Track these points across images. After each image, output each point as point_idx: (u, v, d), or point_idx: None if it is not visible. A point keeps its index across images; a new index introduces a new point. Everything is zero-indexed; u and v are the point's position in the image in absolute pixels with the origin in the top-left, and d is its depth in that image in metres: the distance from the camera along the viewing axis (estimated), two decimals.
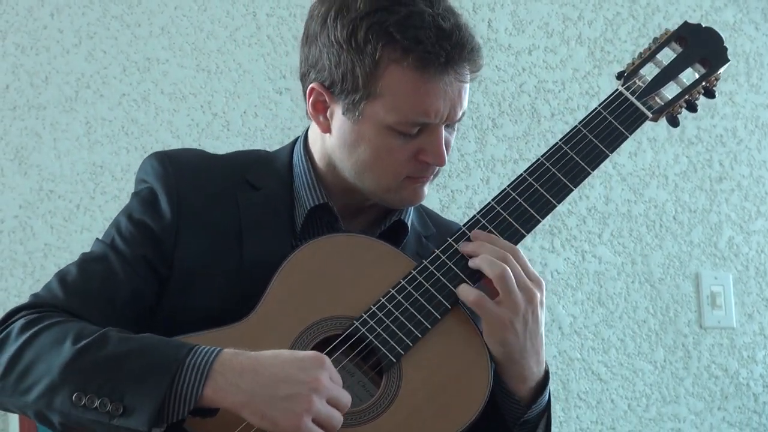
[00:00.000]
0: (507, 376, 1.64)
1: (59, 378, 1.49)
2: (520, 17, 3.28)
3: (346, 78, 1.64)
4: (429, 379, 1.59)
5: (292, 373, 1.47)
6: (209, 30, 3.01)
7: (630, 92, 1.74)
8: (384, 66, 1.63)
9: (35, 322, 1.56)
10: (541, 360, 1.65)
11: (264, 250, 1.68)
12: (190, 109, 2.97)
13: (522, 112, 3.24)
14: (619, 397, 3.21)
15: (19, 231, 2.82)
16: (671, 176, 3.34)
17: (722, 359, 3.31)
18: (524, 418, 1.66)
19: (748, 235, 3.37)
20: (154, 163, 1.73)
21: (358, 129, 1.66)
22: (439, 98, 1.64)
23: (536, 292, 1.62)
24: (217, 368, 1.47)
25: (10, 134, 2.84)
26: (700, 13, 3.41)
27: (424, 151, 1.67)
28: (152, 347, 1.50)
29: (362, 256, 1.66)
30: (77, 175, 2.87)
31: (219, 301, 1.63)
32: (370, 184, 1.70)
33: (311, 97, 1.70)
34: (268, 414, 1.45)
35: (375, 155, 1.67)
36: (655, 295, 3.28)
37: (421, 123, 1.65)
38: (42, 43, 2.89)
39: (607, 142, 1.71)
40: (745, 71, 3.43)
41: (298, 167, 1.77)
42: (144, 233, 1.68)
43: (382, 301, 1.61)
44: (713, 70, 1.78)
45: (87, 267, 1.66)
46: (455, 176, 3.14)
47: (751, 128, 3.42)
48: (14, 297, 2.75)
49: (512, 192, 1.69)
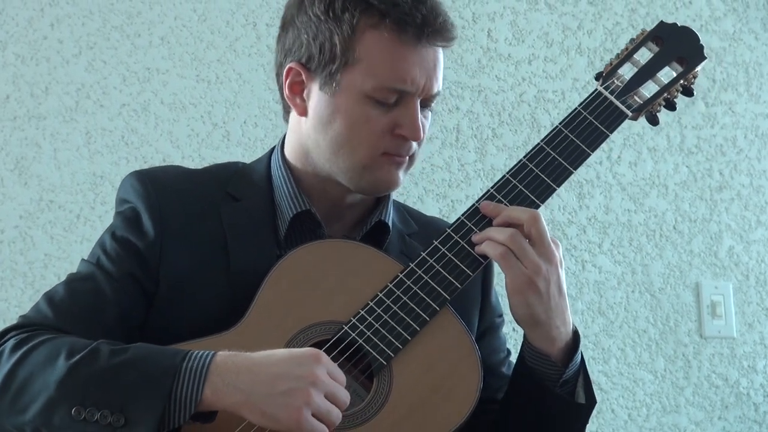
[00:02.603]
0: (535, 339, 1.67)
1: (56, 393, 1.48)
2: (519, 27, 3.29)
3: (324, 48, 1.68)
4: (420, 380, 1.60)
5: (288, 369, 1.48)
6: (209, 40, 3.01)
7: (609, 91, 1.77)
8: (361, 31, 1.67)
9: (26, 340, 1.56)
10: (567, 320, 1.68)
11: (250, 259, 1.69)
12: (190, 119, 2.97)
13: (522, 121, 3.24)
14: (620, 407, 3.21)
15: (20, 241, 2.82)
16: (671, 186, 3.34)
17: (723, 369, 3.30)
18: (563, 378, 1.68)
19: (748, 245, 3.37)
20: (135, 182, 1.74)
21: (335, 102, 1.69)
22: (415, 64, 1.67)
23: (555, 253, 1.65)
24: (214, 370, 1.48)
25: (11, 144, 2.84)
26: (700, 23, 3.41)
27: (400, 125, 1.69)
28: (147, 356, 1.51)
29: (349, 261, 1.67)
30: (77, 185, 2.87)
31: (208, 314, 1.64)
32: (345, 163, 1.71)
33: (288, 80, 1.73)
34: (267, 411, 1.46)
35: (351, 126, 1.69)
36: (656, 305, 3.28)
37: (398, 90, 1.68)
38: (42, 54, 2.90)
39: (588, 141, 1.73)
40: (744, 81, 3.43)
41: (277, 176, 1.78)
42: (129, 251, 1.69)
43: (371, 305, 1.63)
44: (690, 68, 1.81)
45: (74, 286, 1.67)
46: (455, 186, 3.14)
47: (750, 138, 3.42)
48: (14, 307, 2.75)
49: (496, 193, 1.71)
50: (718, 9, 3.43)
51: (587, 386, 1.72)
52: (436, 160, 3.13)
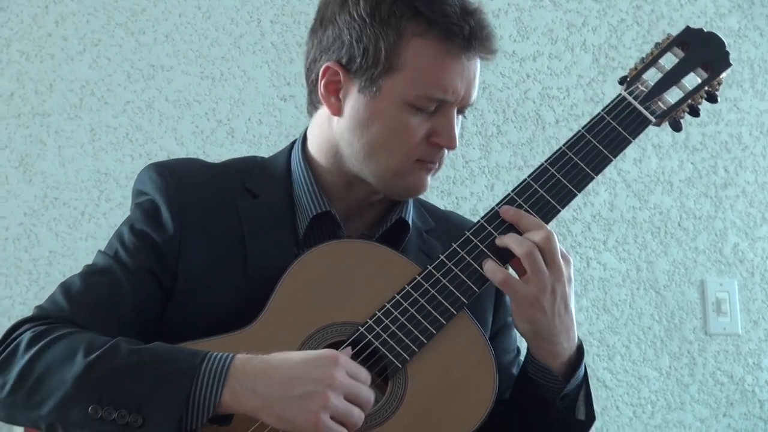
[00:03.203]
0: (538, 353, 1.67)
1: (73, 390, 1.48)
2: (524, 24, 3.28)
3: (367, 52, 1.66)
4: (435, 384, 1.60)
5: (305, 372, 1.47)
6: (213, 37, 3.01)
7: (633, 97, 1.75)
8: (408, 39, 1.66)
9: (43, 334, 1.55)
10: (571, 336, 1.67)
11: (267, 257, 1.68)
12: (194, 116, 2.97)
13: (526, 118, 3.24)
14: (625, 404, 3.21)
15: (24, 238, 2.82)
16: (676, 183, 3.33)
17: (728, 366, 3.30)
18: (564, 392, 1.67)
19: (753, 242, 3.37)
20: (154, 175, 1.73)
21: (375, 105, 1.68)
22: (458, 74, 1.67)
23: (564, 270, 1.63)
24: (233, 373, 1.47)
25: (15, 141, 2.84)
26: (705, 20, 3.41)
27: (436, 132, 1.69)
28: (166, 355, 1.50)
29: (367, 263, 1.66)
30: (82, 183, 2.87)
31: (224, 310, 1.64)
32: (378, 167, 1.70)
33: (324, 78, 1.71)
34: (285, 415, 1.46)
35: (389, 132, 1.68)
36: (660, 302, 3.28)
37: (439, 99, 1.67)
38: (46, 51, 2.89)
39: (611, 147, 1.72)
40: (749, 77, 3.43)
41: (297, 173, 1.77)
42: (147, 245, 1.68)
43: (388, 307, 1.61)
44: (715, 74, 1.78)
45: (91, 279, 1.66)
46: (460, 183, 3.14)
47: (756, 134, 3.42)
48: (19, 304, 2.75)
49: (516, 198, 1.69)
50: (723, 6, 3.43)
51: (588, 402, 1.71)
52: None
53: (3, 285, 2.79)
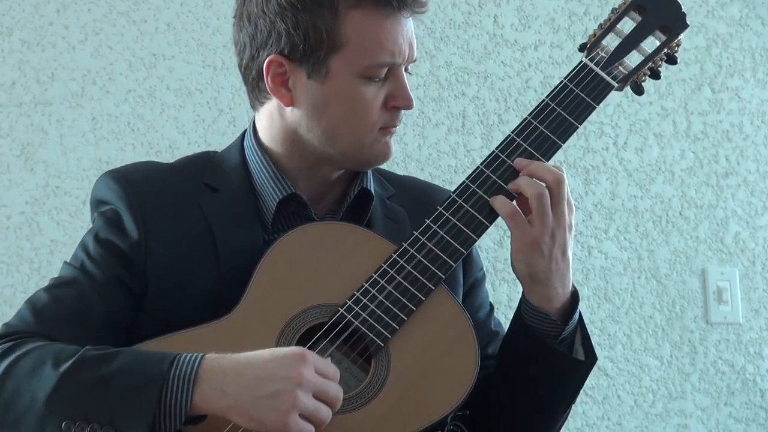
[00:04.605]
0: (532, 297, 1.69)
1: (45, 410, 1.47)
2: (526, 13, 3.28)
3: (308, 36, 1.67)
4: (418, 361, 1.60)
5: (274, 371, 1.47)
6: (215, 26, 3.01)
7: (594, 63, 1.77)
8: (344, 13, 1.67)
9: (10, 350, 1.54)
10: (566, 283, 1.69)
11: (238, 248, 1.69)
12: (196, 105, 2.97)
13: (528, 107, 3.24)
14: (626, 393, 3.21)
15: (26, 227, 2.82)
16: (677, 172, 3.33)
17: (729, 355, 3.30)
18: (562, 336, 1.70)
19: (755, 231, 3.37)
20: (111, 183, 1.73)
21: (328, 88, 1.69)
22: (399, 35, 1.69)
23: (566, 216, 1.67)
24: (202, 375, 1.47)
25: (17, 130, 2.84)
26: (706, 9, 3.40)
27: (393, 96, 1.71)
28: (134, 363, 1.50)
29: (342, 244, 1.67)
30: (83, 171, 2.87)
31: (200, 306, 1.63)
32: (343, 145, 1.72)
33: (269, 72, 1.71)
34: (255, 415, 1.46)
35: (349, 109, 1.70)
36: (662, 291, 3.28)
37: (388, 64, 1.69)
38: (48, 40, 2.89)
39: (575, 114, 1.74)
40: (751, 66, 3.43)
41: (254, 162, 1.78)
42: (113, 253, 1.67)
43: (366, 287, 1.63)
44: (673, 36, 1.80)
45: (58, 292, 1.65)
46: (461, 172, 3.14)
47: (757, 124, 3.42)
48: (21, 293, 2.76)
49: (485, 169, 1.71)
50: None
51: (586, 344, 1.73)
52: (442, 146, 3.12)
53: (4, 273, 2.79)
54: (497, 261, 3.14)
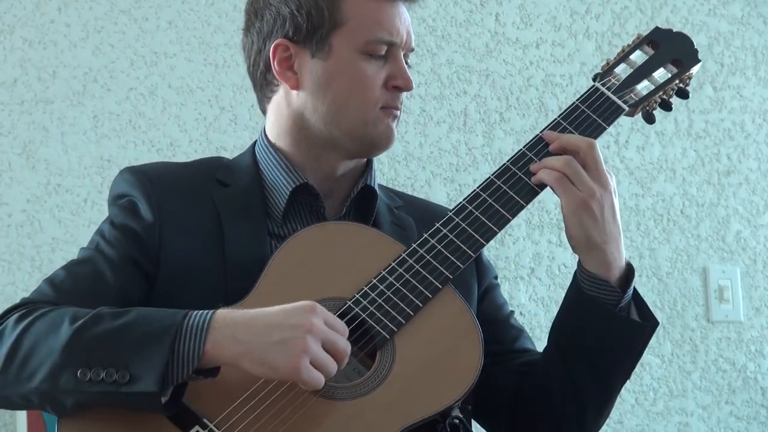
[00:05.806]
0: (591, 264, 1.71)
1: (61, 358, 1.51)
2: (527, 11, 3.28)
3: (311, 15, 1.76)
4: (422, 354, 1.63)
5: (284, 319, 1.51)
6: (217, 24, 3.01)
7: (606, 88, 1.80)
8: None
9: (29, 313, 1.59)
10: (621, 249, 1.72)
11: (245, 240, 1.74)
12: (197, 103, 2.97)
13: (530, 105, 3.24)
14: (627, 391, 3.21)
15: (27, 225, 2.82)
16: (679, 170, 3.33)
17: (730, 353, 3.30)
18: (621, 304, 1.72)
19: (756, 229, 3.37)
20: (127, 176, 1.80)
21: (330, 65, 1.77)
22: (396, 17, 1.78)
23: (609, 179, 1.71)
24: (214, 325, 1.51)
25: (18, 128, 2.84)
26: (708, 7, 3.41)
27: (393, 76, 1.78)
28: (149, 316, 1.54)
29: (352, 243, 1.71)
30: (85, 169, 2.87)
31: (209, 294, 1.67)
32: (347, 122, 1.77)
33: (275, 58, 1.79)
34: (266, 359, 1.49)
35: (351, 84, 1.76)
36: (663, 289, 3.28)
37: (387, 41, 1.77)
38: (49, 38, 2.89)
39: (586, 134, 1.76)
40: (753, 65, 3.43)
41: (265, 160, 1.84)
42: (128, 235, 1.73)
43: (374, 282, 1.66)
44: (685, 69, 1.84)
45: (75, 269, 1.71)
46: (463, 170, 3.14)
47: (759, 122, 3.42)
48: (22, 291, 2.76)
49: (497, 180, 1.73)
50: None
51: (642, 313, 1.75)
52: (443, 144, 3.13)
53: (6, 271, 2.79)
54: (498, 259, 3.14)
